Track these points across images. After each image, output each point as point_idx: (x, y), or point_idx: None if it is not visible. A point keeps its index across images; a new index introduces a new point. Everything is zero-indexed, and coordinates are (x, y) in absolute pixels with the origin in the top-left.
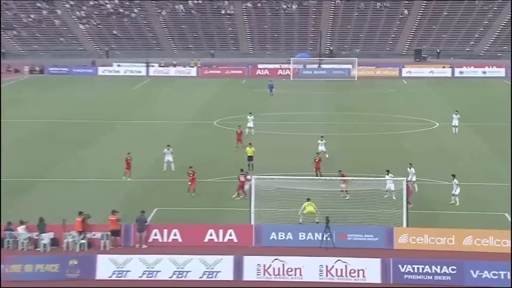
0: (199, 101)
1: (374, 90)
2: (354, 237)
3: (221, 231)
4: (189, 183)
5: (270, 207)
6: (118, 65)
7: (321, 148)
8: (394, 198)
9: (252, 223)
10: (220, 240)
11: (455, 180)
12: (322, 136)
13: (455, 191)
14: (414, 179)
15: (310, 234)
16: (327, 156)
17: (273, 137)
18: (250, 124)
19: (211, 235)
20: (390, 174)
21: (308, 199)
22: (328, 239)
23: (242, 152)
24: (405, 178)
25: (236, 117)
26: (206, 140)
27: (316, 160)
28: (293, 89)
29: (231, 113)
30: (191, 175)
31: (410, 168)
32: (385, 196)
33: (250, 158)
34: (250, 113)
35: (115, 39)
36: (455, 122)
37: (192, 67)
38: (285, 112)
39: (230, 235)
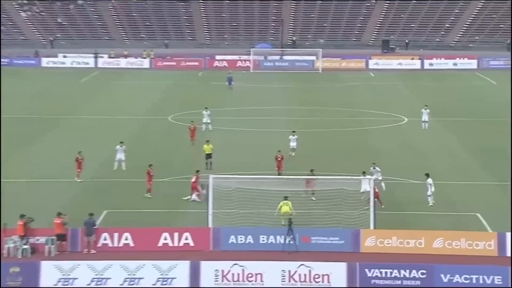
0: (152, 95)
1: (339, 83)
2: (319, 240)
3: (176, 235)
4: (150, 183)
5: (229, 208)
6: (64, 56)
7: (293, 144)
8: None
9: (210, 225)
10: (175, 244)
11: (428, 180)
12: (293, 131)
13: (429, 191)
14: (380, 177)
15: (272, 237)
16: (293, 154)
17: (233, 133)
18: (206, 119)
19: (165, 239)
20: (367, 175)
21: (285, 198)
22: (291, 242)
23: (198, 149)
24: (372, 178)
25: (192, 112)
26: (160, 137)
27: (279, 158)
28: (254, 82)
29: (187, 107)
30: (151, 174)
31: (374, 168)
32: (362, 198)
33: (208, 156)
34: (206, 108)
35: (60, 28)
36: (425, 117)
37: (144, 58)
38: (245, 107)
39: (186, 238)
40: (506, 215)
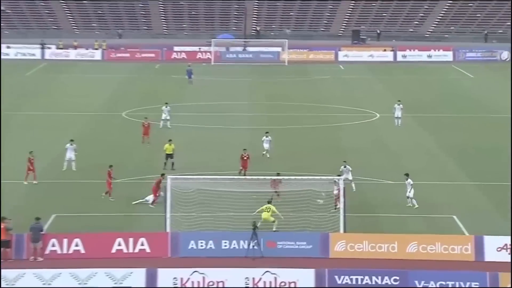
0: (105, 89)
1: (306, 76)
2: (285, 245)
3: (131, 240)
4: (110, 186)
5: (189, 211)
6: (8, 47)
7: (266, 146)
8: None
9: (168, 230)
10: (130, 250)
11: (409, 180)
12: (267, 132)
13: (409, 192)
14: (350, 177)
15: (234, 242)
16: (268, 155)
17: (192, 130)
18: (166, 116)
19: (119, 244)
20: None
21: (269, 202)
22: (255, 247)
23: (153, 148)
24: (341, 177)
25: (149, 108)
26: (113, 135)
27: (245, 158)
28: (215, 75)
29: (143, 103)
30: (111, 175)
31: (345, 167)
32: (318, 201)
33: (169, 156)
34: (166, 103)
35: (4, 17)
36: (398, 113)
37: (96, 49)
38: (206, 102)
39: (142, 244)
40: (484, 217)
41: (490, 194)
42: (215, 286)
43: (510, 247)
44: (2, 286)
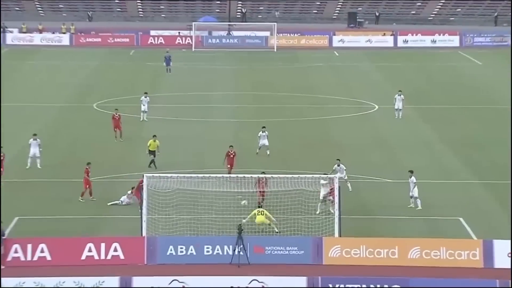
0: (73, 78)
1: (297, 64)
2: (274, 251)
3: (103, 245)
4: (86, 185)
5: (168, 213)
6: None
7: (263, 142)
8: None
9: (144, 234)
10: (102, 257)
11: (412, 178)
12: (264, 127)
13: (412, 191)
14: (345, 176)
15: (218, 247)
16: (268, 152)
17: (170, 124)
18: (144, 107)
19: (90, 250)
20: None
21: (260, 206)
22: (241, 253)
23: (127, 143)
24: (336, 176)
25: (122, 99)
26: (82, 129)
27: (231, 155)
28: (196, 62)
29: (116, 93)
30: (88, 173)
31: (338, 165)
32: (322, 202)
33: (151, 153)
34: (145, 93)
35: None
36: (399, 104)
37: (63, 33)
38: (186, 92)
39: (115, 250)
40: (493, 219)
41: (499, 194)
42: None
43: (510, 249)
44: None
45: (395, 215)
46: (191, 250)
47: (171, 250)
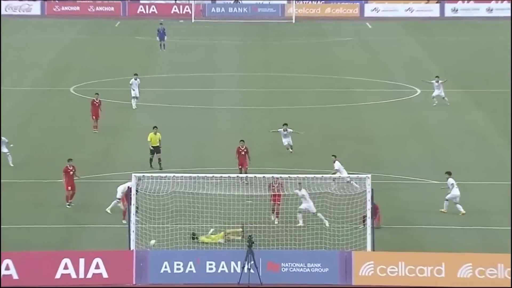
0: (46, 55)
1: (320, 38)
2: (292, 268)
3: (82, 262)
4: (68, 187)
5: (162, 222)
6: None
7: (287, 140)
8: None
9: (132, 247)
10: (81, 275)
11: (450, 179)
12: (285, 124)
13: (451, 194)
14: (344, 173)
15: (223, 263)
16: (290, 150)
17: (164, 112)
18: (135, 91)
19: (66, 267)
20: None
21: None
22: (252, 271)
23: (114, 136)
24: (368, 176)
25: (106, 81)
26: (57, 117)
27: (242, 152)
28: (196, 36)
29: (98, 74)
30: (71, 172)
31: (334, 162)
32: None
33: (155, 150)
34: (135, 74)
35: None
36: (437, 91)
37: (33, 0)
38: (184, 73)
39: (97, 267)
40: None
41: None
42: None
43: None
44: None
45: (441, 224)
46: (190, 267)
47: (165, 267)
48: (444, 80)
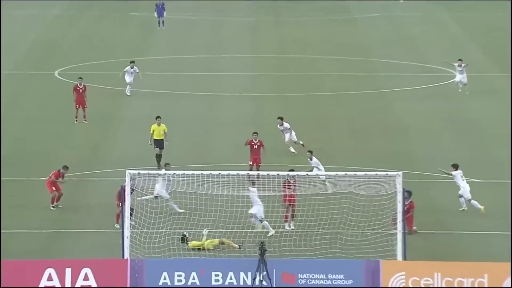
0: (26, 33)
1: (343, 14)
2: (311, 279)
3: (68, 272)
4: (53, 188)
5: (159, 226)
6: None
7: (291, 135)
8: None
9: (126, 255)
10: (67, 286)
11: (457, 171)
12: (280, 118)
13: (462, 189)
14: (322, 171)
15: (231, 274)
16: (301, 142)
17: (162, 99)
18: (129, 77)
19: (50, 278)
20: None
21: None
22: (264, 282)
23: (104, 127)
24: (399, 173)
25: (95, 64)
26: (39, 106)
27: (255, 146)
28: (200, 12)
29: (86, 56)
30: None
31: (311, 159)
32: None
33: (157, 143)
34: (132, 62)
35: None
36: (459, 76)
37: None
38: (185, 55)
39: (86, 278)
40: None
41: None
42: None
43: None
44: None
45: (483, 229)
46: (193, 278)
47: (164, 278)
48: (466, 64)
